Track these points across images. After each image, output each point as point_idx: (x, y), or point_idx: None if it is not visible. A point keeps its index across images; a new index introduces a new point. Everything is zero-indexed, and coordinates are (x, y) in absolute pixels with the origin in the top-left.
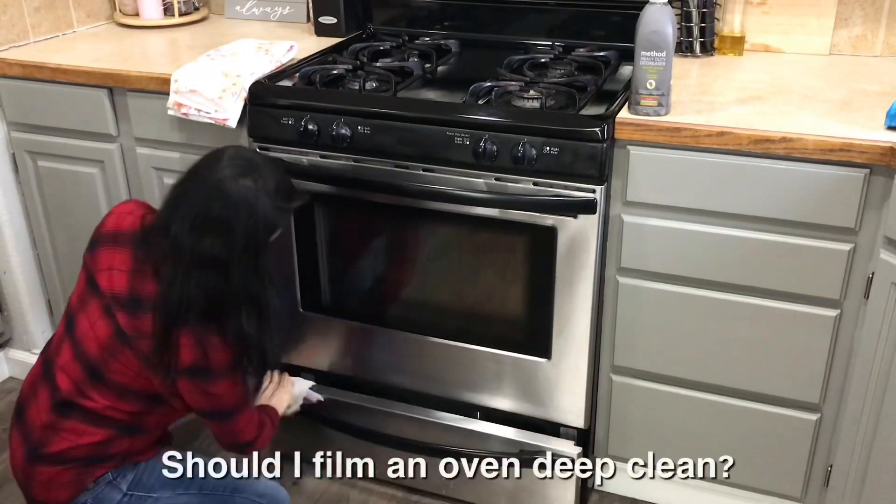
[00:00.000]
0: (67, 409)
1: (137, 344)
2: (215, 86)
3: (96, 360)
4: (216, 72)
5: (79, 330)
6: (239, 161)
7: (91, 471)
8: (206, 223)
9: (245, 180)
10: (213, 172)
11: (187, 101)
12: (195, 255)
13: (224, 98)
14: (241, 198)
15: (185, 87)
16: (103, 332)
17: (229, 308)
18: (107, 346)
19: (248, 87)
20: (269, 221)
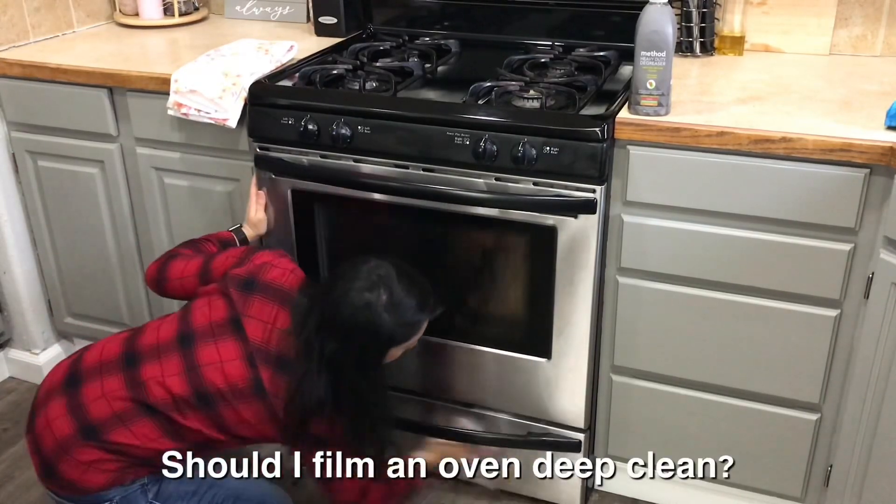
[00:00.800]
0: (152, 412)
1: (273, 402)
2: (215, 86)
3: (216, 394)
4: (216, 72)
5: (201, 355)
6: (373, 274)
7: (137, 471)
8: (330, 328)
9: (371, 294)
10: (348, 280)
11: (187, 101)
12: (320, 354)
13: (224, 98)
14: (361, 307)
15: (185, 87)
16: (237, 375)
17: (343, 410)
18: (237, 390)
19: (248, 87)
20: (383, 333)
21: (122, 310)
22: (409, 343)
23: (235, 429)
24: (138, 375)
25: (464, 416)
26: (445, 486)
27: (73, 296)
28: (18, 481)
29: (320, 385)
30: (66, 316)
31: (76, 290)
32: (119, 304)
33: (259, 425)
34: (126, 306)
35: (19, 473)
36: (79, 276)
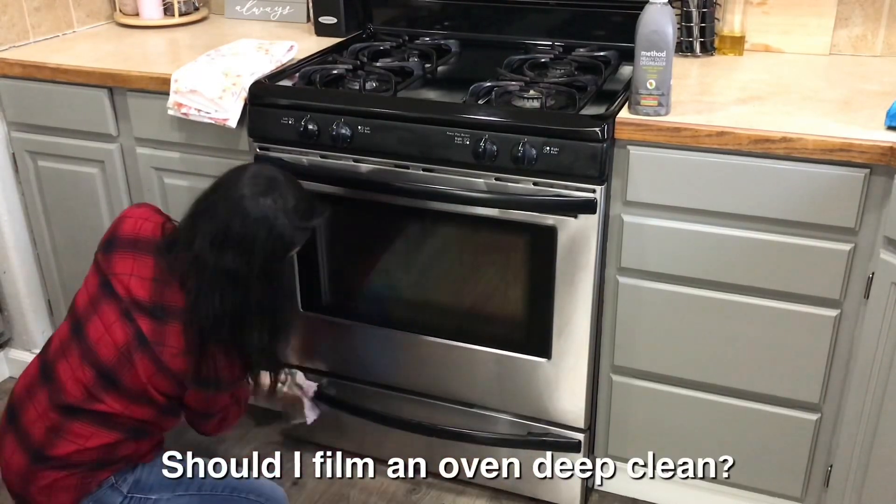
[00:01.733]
0: (75, 413)
1: (158, 351)
2: (215, 86)
3: (111, 365)
4: (216, 72)
5: (90, 334)
6: (260, 179)
7: (96, 475)
8: (227, 240)
9: (265, 199)
10: (234, 190)
11: (187, 101)
12: (217, 271)
13: (224, 98)
14: (260, 216)
15: (186, 87)
16: (120, 336)
17: (249, 323)
18: (123, 351)
19: (248, 87)
20: (286, 240)
21: None
22: (297, 248)
23: (144, 394)
24: (56, 382)
25: (464, 416)
26: (445, 486)
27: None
28: None
29: (215, 300)
30: (66, 316)
31: (76, 290)
32: None
33: (152, 381)
34: None
35: None
36: (79, 276)
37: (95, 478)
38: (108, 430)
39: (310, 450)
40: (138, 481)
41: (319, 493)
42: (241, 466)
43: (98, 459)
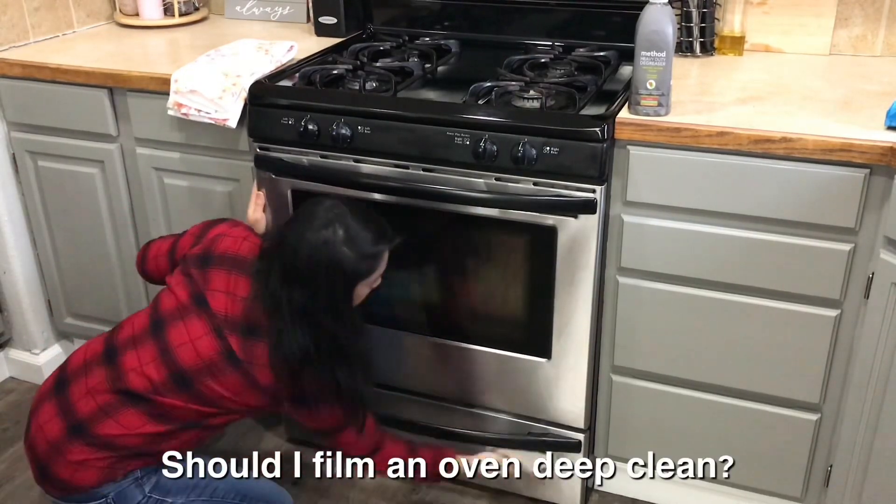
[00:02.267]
0: (134, 400)
1: (249, 370)
2: (215, 86)
3: (191, 372)
4: (216, 72)
5: (172, 337)
6: (327, 213)
7: (128, 464)
8: (294, 274)
9: (326, 230)
10: (302, 224)
11: (187, 102)
12: (291, 307)
13: (224, 98)
14: (319, 246)
15: (186, 88)
16: (209, 349)
17: (324, 356)
18: (209, 364)
19: (248, 87)
20: (348, 269)
21: (122, 309)
22: (373, 278)
23: (219, 402)
24: (119, 368)
25: (464, 416)
26: (445, 486)
27: (73, 296)
28: (18, 481)
29: (297, 336)
30: (65, 316)
31: (76, 290)
32: (119, 303)
33: (239, 396)
34: (126, 306)
35: (19, 473)
36: (79, 276)
37: (126, 466)
38: (161, 423)
39: (310, 450)
40: (161, 484)
41: (320, 493)
42: (242, 466)
43: (139, 448)
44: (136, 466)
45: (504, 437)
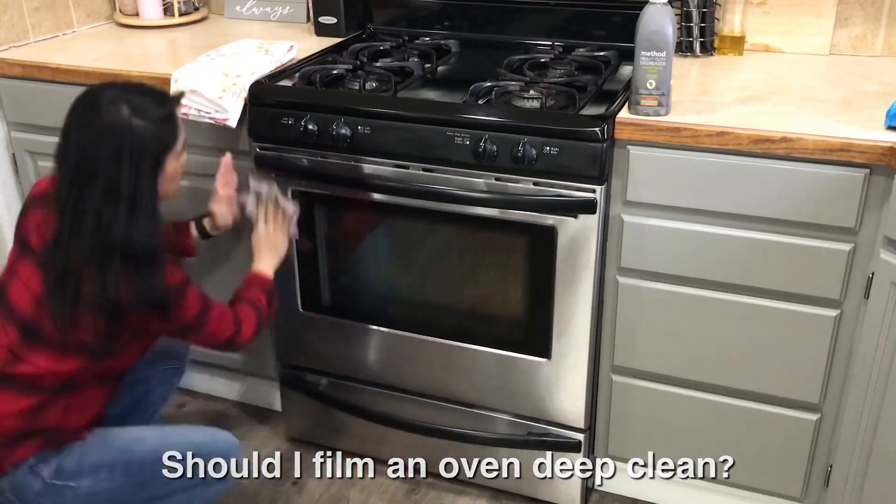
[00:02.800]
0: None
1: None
2: (215, 86)
3: (32, 317)
4: (216, 72)
5: (10, 296)
6: (98, 102)
7: (13, 451)
8: (87, 169)
9: (109, 116)
10: (79, 122)
11: (187, 102)
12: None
13: (224, 98)
14: (111, 133)
15: (186, 88)
16: (37, 285)
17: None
18: (40, 299)
19: (249, 87)
20: (153, 142)
21: None
22: (179, 146)
23: (69, 341)
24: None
25: (464, 416)
26: (445, 486)
27: None
28: None
29: (85, 236)
30: None
31: None
32: None
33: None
34: None
35: None
36: None
37: (11, 454)
38: (31, 393)
39: (310, 450)
40: (61, 466)
41: (319, 493)
42: (241, 467)
43: (19, 429)
44: (27, 453)
45: (504, 437)
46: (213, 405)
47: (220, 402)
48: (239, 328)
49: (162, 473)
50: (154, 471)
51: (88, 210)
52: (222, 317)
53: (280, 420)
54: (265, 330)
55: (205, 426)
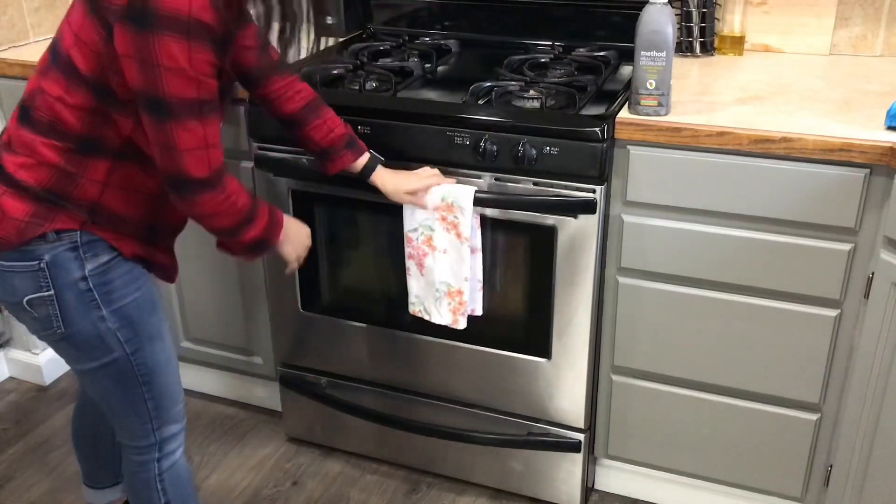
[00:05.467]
0: (25, 118)
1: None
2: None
3: (65, 48)
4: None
5: (62, 40)
6: None
7: (51, 215)
8: None
9: None
10: None
11: None
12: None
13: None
14: None
15: None
16: (77, 20)
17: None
18: (77, 28)
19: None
20: None
21: None
22: None
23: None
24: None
25: (464, 416)
26: (445, 486)
27: None
28: (18, 481)
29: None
30: None
31: None
32: None
33: (82, 32)
34: None
35: (19, 473)
36: None
37: (52, 216)
38: (56, 139)
39: (310, 450)
40: (107, 272)
41: (319, 493)
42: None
43: (52, 187)
44: (70, 223)
45: (504, 437)
46: (213, 405)
47: (220, 402)
48: (218, 183)
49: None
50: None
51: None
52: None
53: (280, 420)
54: (265, 330)
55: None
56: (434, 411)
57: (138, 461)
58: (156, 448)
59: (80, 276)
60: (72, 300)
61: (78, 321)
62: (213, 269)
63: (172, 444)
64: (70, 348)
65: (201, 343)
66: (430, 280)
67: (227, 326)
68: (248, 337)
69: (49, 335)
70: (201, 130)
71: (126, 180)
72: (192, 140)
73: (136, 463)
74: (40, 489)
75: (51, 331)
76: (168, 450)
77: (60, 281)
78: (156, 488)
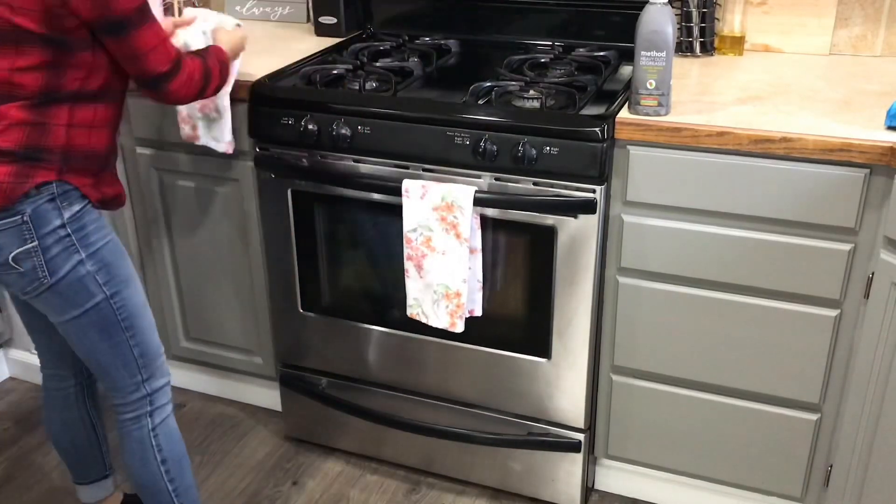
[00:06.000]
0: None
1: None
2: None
3: (4, 20)
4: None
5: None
6: None
7: (34, 169)
8: None
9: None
10: None
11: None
12: None
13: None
14: None
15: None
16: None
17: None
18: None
19: (250, 87)
20: None
21: None
22: None
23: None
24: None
25: (464, 416)
26: (445, 486)
27: None
28: (18, 481)
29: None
30: None
31: None
32: None
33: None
34: None
35: (19, 473)
36: None
37: (31, 175)
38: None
39: (310, 450)
40: (80, 216)
41: (319, 493)
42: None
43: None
44: (45, 177)
45: (504, 437)
46: (213, 405)
47: (221, 402)
48: (178, 69)
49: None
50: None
51: None
52: (164, 45)
53: (280, 420)
54: (265, 330)
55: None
56: (434, 411)
57: (131, 418)
58: (147, 401)
59: (59, 224)
60: (54, 247)
61: (61, 267)
62: (213, 269)
63: (162, 397)
64: (55, 297)
65: (201, 343)
66: (429, 282)
67: (227, 326)
68: (248, 337)
69: (35, 288)
70: (153, 28)
71: (87, 119)
72: (151, 40)
73: (130, 420)
74: (40, 489)
75: (37, 282)
76: (159, 403)
77: (42, 230)
78: (150, 445)
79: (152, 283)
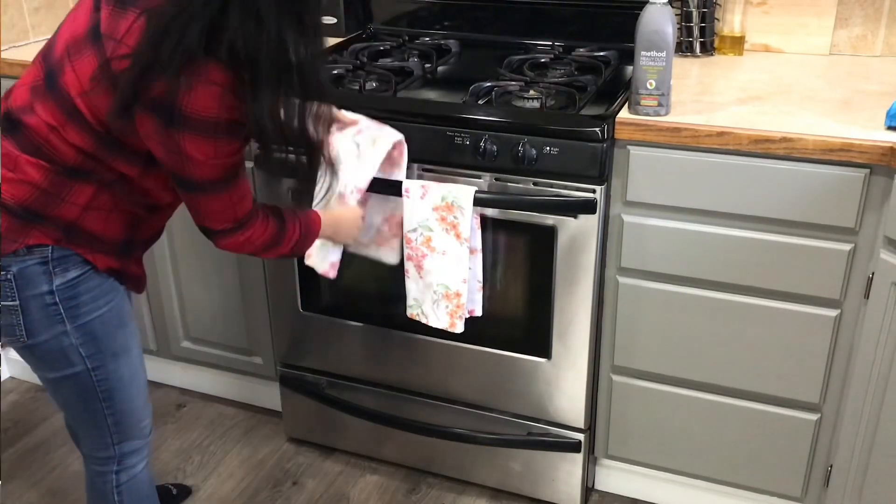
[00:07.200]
0: (12, 127)
1: (106, 45)
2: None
3: (57, 61)
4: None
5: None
6: None
7: (27, 230)
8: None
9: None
10: None
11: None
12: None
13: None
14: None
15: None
16: (81, 23)
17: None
18: (77, 42)
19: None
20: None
21: None
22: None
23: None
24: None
25: (464, 416)
26: (445, 486)
27: None
28: (18, 481)
29: (194, 28)
30: None
31: None
32: None
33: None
34: None
35: (19, 473)
36: None
37: (26, 234)
38: (39, 158)
39: (310, 450)
40: (75, 286)
41: (319, 493)
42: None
43: (31, 203)
44: (43, 239)
45: (504, 437)
46: (213, 405)
47: (221, 402)
48: (239, 228)
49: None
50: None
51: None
52: (233, 209)
53: (280, 420)
54: (265, 330)
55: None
56: (434, 411)
57: (97, 471)
58: (114, 461)
59: (46, 290)
60: (36, 313)
61: (41, 333)
62: (213, 269)
63: (133, 458)
64: (32, 357)
65: (201, 343)
66: (429, 282)
67: (227, 326)
68: (248, 337)
69: (12, 342)
70: (228, 197)
71: (109, 204)
72: (218, 206)
73: (95, 472)
74: (41, 489)
75: (13, 338)
76: (128, 464)
77: (26, 293)
78: (112, 500)
79: (152, 283)
